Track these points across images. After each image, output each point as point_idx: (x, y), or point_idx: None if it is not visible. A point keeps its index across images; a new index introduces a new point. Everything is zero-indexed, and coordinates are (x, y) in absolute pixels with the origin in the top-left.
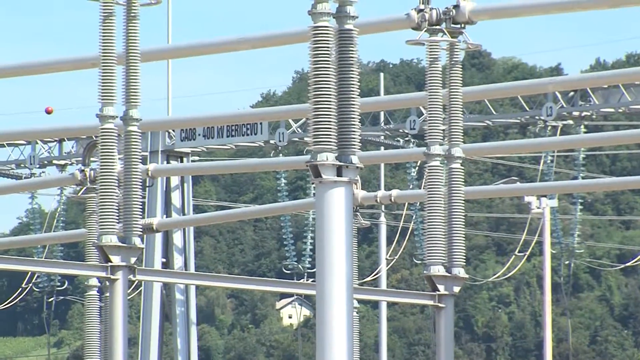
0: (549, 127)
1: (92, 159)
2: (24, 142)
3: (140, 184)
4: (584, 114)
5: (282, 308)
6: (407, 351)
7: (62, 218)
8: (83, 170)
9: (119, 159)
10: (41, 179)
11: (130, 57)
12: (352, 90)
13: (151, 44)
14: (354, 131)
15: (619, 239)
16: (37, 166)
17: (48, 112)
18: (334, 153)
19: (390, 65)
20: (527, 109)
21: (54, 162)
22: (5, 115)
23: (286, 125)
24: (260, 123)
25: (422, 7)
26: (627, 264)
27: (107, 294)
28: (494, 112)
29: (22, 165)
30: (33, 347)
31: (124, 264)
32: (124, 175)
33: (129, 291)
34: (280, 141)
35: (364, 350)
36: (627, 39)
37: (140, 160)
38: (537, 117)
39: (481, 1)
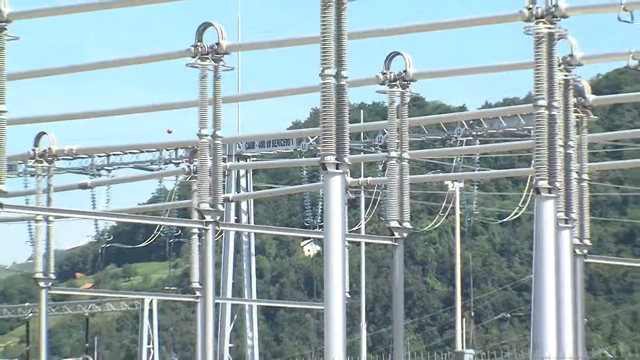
0: (459, 141)
1: (194, 159)
2: (155, 150)
3: (222, 173)
4: (479, 133)
5: (304, 245)
6: (377, 270)
7: (177, 194)
8: (189, 166)
9: (210, 159)
10: (165, 171)
11: (216, 101)
12: (344, 120)
13: (229, 90)
14: (345, 143)
15: (499, 206)
16: (163, 163)
17: (169, 132)
18: (334, 156)
19: (367, 105)
20: (446, 130)
21: (172, 161)
22: (142, 135)
23: (307, 139)
24: (291, 138)
25: (385, 71)
26: (503, 220)
27: (203, 237)
28: (426, 132)
29: (154, 163)
30: (160, 268)
31: (212, 220)
32: (213, 168)
33: (215, 236)
34: (303, 149)
35: (351, 270)
36: (505, 89)
37: (222, 159)
38: (452, 135)
39: (419, 67)
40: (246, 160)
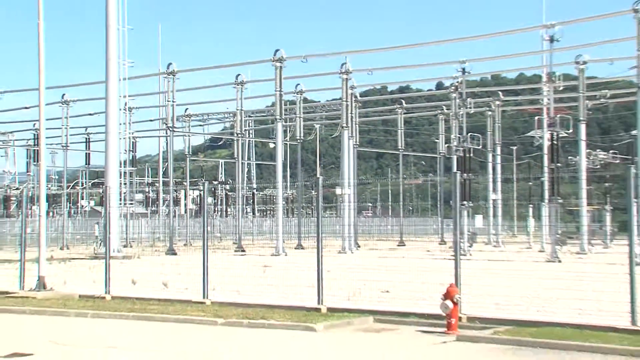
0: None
1: (235, 117)
2: (223, 113)
3: (244, 121)
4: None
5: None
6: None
7: (230, 129)
8: (233, 119)
9: (240, 117)
10: (226, 120)
11: (242, 101)
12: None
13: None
14: (283, 113)
15: (337, 135)
16: (225, 118)
17: (227, 108)
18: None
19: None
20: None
21: (229, 118)
22: (218, 108)
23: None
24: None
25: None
26: (334, 135)
27: (239, 142)
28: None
29: (222, 118)
30: (226, 152)
31: (241, 137)
32: (240, 120)
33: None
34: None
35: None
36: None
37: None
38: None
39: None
40: (250, 117)
